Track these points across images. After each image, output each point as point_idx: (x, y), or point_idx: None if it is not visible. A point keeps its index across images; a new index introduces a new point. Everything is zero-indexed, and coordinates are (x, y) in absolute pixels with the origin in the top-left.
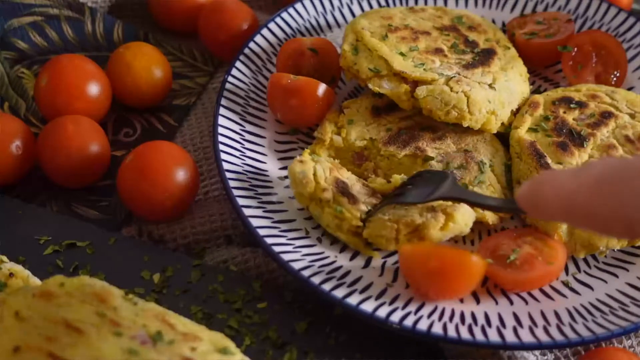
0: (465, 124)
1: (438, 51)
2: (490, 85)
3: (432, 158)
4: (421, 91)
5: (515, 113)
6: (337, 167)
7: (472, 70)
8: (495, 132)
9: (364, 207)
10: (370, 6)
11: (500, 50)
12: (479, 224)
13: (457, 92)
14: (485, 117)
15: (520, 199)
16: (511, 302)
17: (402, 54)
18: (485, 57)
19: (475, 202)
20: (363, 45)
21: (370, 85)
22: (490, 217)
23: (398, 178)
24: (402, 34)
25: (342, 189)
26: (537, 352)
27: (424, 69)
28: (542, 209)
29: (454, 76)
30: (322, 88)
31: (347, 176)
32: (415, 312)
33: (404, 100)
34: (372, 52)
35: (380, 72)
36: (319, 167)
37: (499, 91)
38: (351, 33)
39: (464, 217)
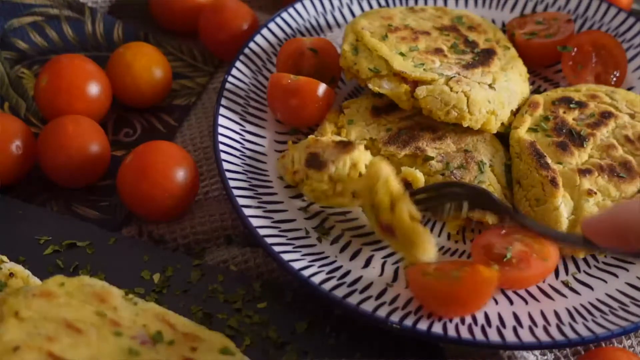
0: (465, 124)
1: (438, 51)
2: (490, 85)
3: (432, 158)
4: (421, 91)
5: (515, 113)
6: (314, 140)
7: (472, 70)
8: (495, 132)
9: (332, 167)
10: (370, 6)
11: (500, 50)
12: (479, 224)
13: (457, 92)
14: (485, 117)
15: (595, 232)
16: (511, 302)
17: (402, 54)
18: (485, 57)
19: (538, 231)
20: (363, 45)
21: (370, 85)
22: (489, 217)
23: (410, 172)
24: (402, 34)
25: (311, 162)
26: (537, 352)
27: (424, 69)
28: (628, 240)
29: (454, 76)
30: (322, 88)
31: (323, 144)
32: (415, 312)
33: (404, 100)
34: (372, 52)
35: (380, 72)
36: (296, 154)
37: (499, 91)
38: (351, 33)
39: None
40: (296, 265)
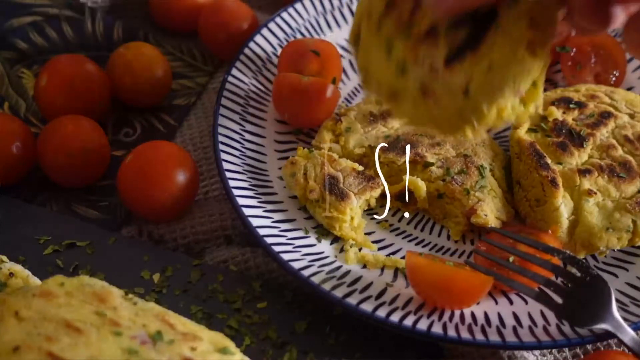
0: None
1: None
2: None
3: (432, 164)
4: None
5: None
6: (331, 159)
7: None
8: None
9: (355, 201)
10: None
11: None
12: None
13: None
14: None
15: None
16: (511, 302)
17: None
18: None
19: None
20: None
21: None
22: (492, 221)
23: (413, 181)
24: None
25: (331, 186)
26: (536, 352)
27: None
28: None
29: None
30: (330, 89)
31: (342, 167)
32: (415, 312)
33: None
34: None
35: None
36: (310, 166)
37: None
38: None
39: None
40: (296, 265)
